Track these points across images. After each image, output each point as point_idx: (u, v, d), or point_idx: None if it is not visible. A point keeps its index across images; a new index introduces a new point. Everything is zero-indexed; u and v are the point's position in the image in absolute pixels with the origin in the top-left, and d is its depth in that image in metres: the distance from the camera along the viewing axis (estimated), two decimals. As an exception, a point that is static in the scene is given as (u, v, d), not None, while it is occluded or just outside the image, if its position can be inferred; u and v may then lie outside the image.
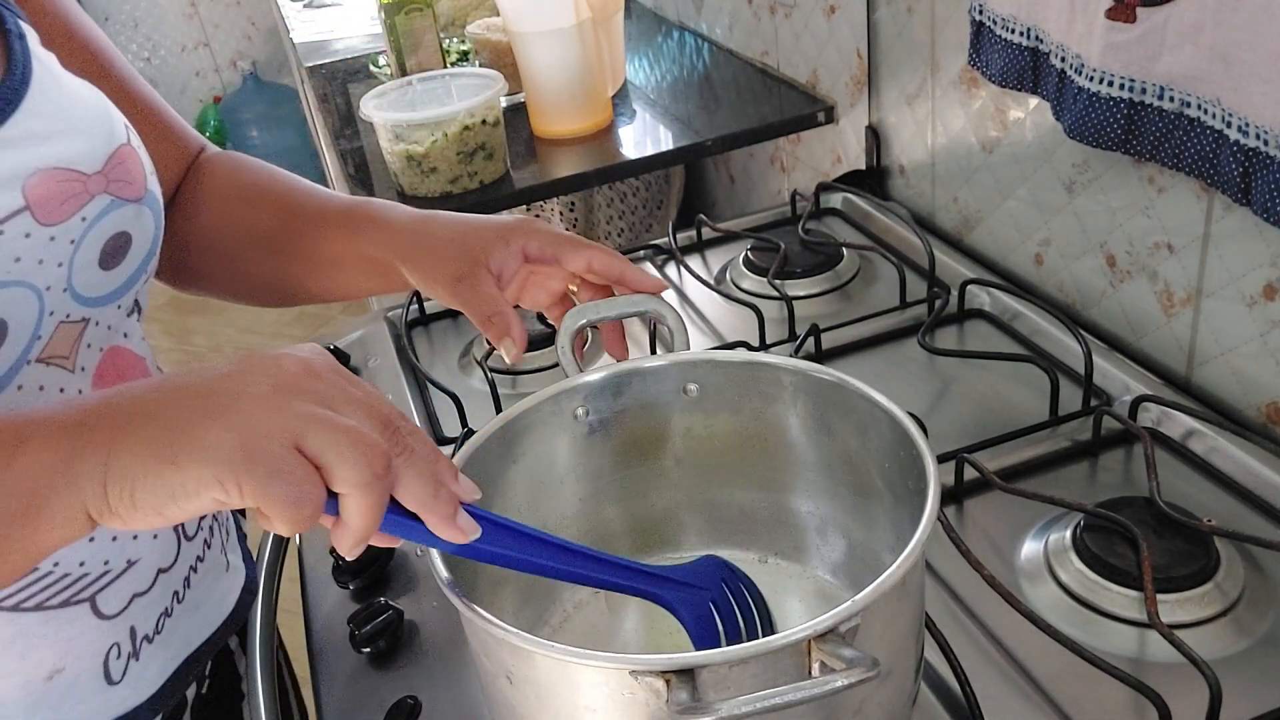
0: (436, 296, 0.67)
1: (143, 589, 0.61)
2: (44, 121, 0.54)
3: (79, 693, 0.59)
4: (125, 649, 0.61)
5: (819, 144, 1.42)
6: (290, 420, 0.42)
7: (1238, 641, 0.63)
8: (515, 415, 0.62)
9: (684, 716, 0.42)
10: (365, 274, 0.70)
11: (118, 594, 0.59)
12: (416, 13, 1.46)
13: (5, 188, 0.51)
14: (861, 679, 0.41)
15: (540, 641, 0.46)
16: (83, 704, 0.59)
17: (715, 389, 0.65)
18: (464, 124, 1.20)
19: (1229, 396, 0.84)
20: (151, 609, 0.62)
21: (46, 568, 0.55)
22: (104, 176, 0.56)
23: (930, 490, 0.51)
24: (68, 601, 0.57)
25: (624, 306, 0.66)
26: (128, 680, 0.61)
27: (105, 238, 0.56)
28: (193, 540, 0.65)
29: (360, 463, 0.42)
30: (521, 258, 0.67)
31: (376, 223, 0.69)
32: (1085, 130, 0.82)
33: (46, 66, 0.57)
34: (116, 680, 0.61)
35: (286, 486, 0.41)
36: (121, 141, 0.59)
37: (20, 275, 0.51)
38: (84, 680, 0.59)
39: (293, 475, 0.41)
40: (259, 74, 3.78)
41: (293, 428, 0.42)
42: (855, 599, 0.45)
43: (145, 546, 0.60)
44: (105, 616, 0.59)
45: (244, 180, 0.75)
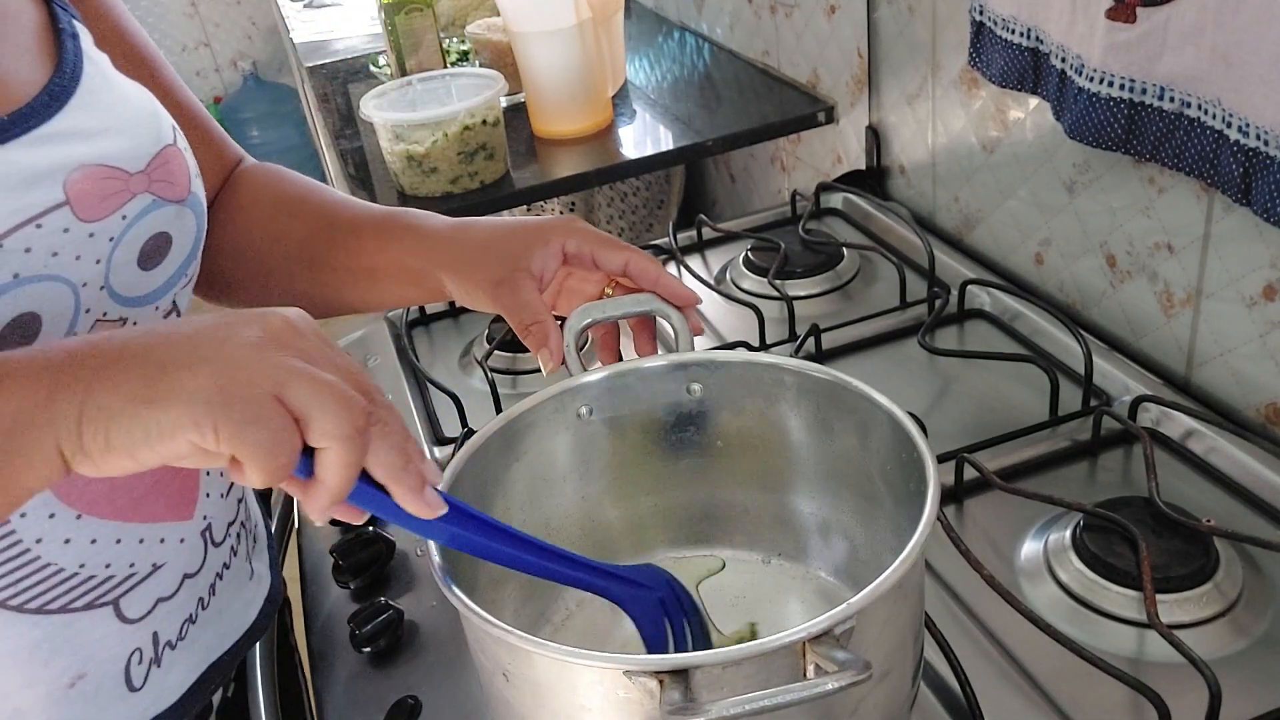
0: (477, 304, 0.66)
1: (167, 594, 0.60)
2: (91, 118, 0.55)
3: (101, 699, 0.58)
4: (148, 655, 0.60)
5: (819, 144, 1.43)
6: (273, 370, 0.42)
7: (1237, 641, 0.64)
8: (518, 414, 0.62)
9: (676, 716, 0.42)
10: (403, 283, 0.70)
11: (142, 598, 0.59)
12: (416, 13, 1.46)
13: (46, 182, 0.51)
14: (852, 682, 0.41)
15: (535, 640, 0.46)
16: (104, 712, 0.59)
17: (718, 389, 0.65)
18: (464, 124, 1.20)
19: (1228, 397, 0.84)
20: (176, 615, 0.61)
21: (72, 568, 0.55)
22: (146, 176, 0.56)
23: (929, 494, 0.51)
24: (91, 604, 0.56)
25: (629, 306, 0.66)
26: (149, 687, 0.60)
27: (145, 237, 0.56)
28: (220, 546, 0.64)
29: (341, 416, 0.42)
30: (561, 257, 0.66)
31: (414, 231, 0.69)
32: (1086, 130, 0.82)
33: (98, 66, 0.58)
34: (138, 687, 0.60)
35: (264, 433, 0.41)
36: (167, 142, 0.59)
37: (56, 270, 0.51)
38: (106, 687, 0.58)
39: (270, 423, 0.41)
40: (259, 74, 3.78)
41: (275, 377, 0.42)
42: (850, 601, 0.45)
43: (171, 550, 0.60)
44: (129, 621, 0.58)
45: (281, 191, 0.74)
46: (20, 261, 0.50)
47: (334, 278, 0.72)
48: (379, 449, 0.45)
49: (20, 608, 0.54)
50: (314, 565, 0.81)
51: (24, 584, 0.54)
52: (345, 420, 0.42)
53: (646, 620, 0.58)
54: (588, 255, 0.66)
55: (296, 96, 3.56)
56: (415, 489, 0.46)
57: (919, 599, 0.54)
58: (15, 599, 0.53)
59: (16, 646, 0.54)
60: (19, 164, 0.50)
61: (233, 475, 0.43)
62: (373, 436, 0.44)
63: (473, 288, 0.66)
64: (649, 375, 0.65)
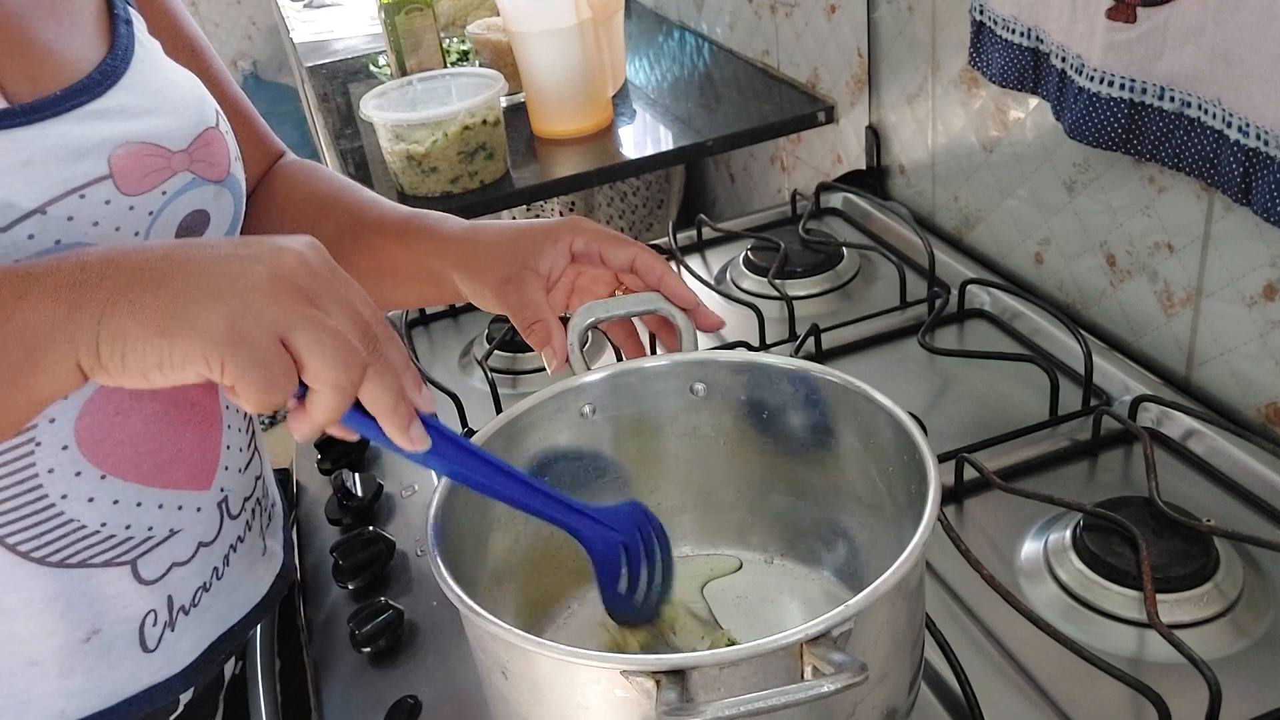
0: (485, 303, 0.68)
1: (183, 559, 0.62)
2: (138, 98, 0.58)
3: (114, 656, 0.60)
4: (162, 617, 0.62)
5: (819, 143, 1.42)
6: (280, 313, 0.45)
7: (1237, 641, 0.64)
8: (520, 412, 0.62)
9: (671, 717, 0.42)
10: (421, 283, 0.72)
11: (158, 560, 0.61)
12: (416, 13, 1.46)
13: (92, 155, 0.54)
14: (848, 684, 0.41)
15: (534, 640, 0.47)
16: (117, 669, 0.61)
17: (721, 389, 0.65)
18: (464, 124, 1.20)
19: (1228, 397, 0.84)
20: (190, 581, 0.63)
21: (94, 526, 0.57)
22: (188, 155, 0.59)
23: (930, 496, 0.51)
24: (110, 562, 0.58)
25: (631, 305, 0.66)
26: (162, 649, 0.62)
27: (183, 214, 0.59)
28: (235, 519, 0.66)
29: (338, 366, 0.45)
30: (569, 255, 0.67)
31: (430, 232, 0.71)
32: (1086, 130, 0.82)
33: (149, 50, 0.62)
34: (152, 648, 0.62)
35: (263, 373, 0.44)
36: (209, 125, 0.62)
37: (96, 239, 0.54)
38: (120, 645, 0.60)
39: (272, 365, 0.44)
40: (259, 73, 3.78)
41: (281, 321, 0.44)
42: (848, 604, 0.45)
43: (189, 518, 0.62)
44: (145, 581, 0.60)
45: (315, 188, 0.76)
46: (63, 229, 0.52)
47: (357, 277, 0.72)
48: (373, 386, 0.47)
49: (41, 560, 0.56)
50: (314, 565, 0.81)
51: (46, 537, 0.56)
52: (340, 370, 0.45)
53: (603, 558, 0.59)
54: (595, 252, 0.67)
55: (296, 96, 3.55)
56: (403, 426, 0.49)
57: (919, 601, 0.54)
58: (37, 551, 0.56)
59: (34, 597, 0.56)
60: (68, 136, 0.54)
61: (229, 396, 0.46)
62: (368, 376, 0.47)
63: (481, 286, 0.67)
64: (652, 375, 0.65)
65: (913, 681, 0.54)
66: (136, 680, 0.62)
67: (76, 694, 0.60)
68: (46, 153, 0.52)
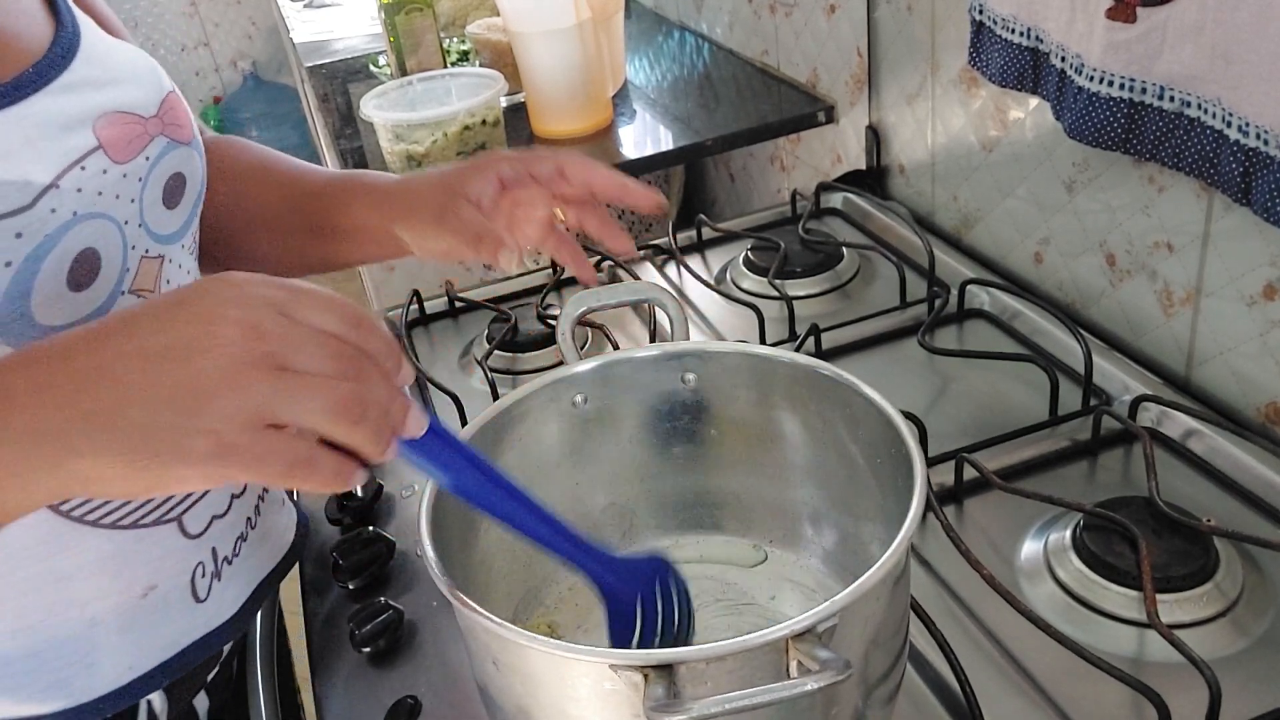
0: (427, 245, 0.69)
1: (220, 512, 0.66)
2: (98, 70, 0.59)
3: (170, 610, 0.63)
4: (209, 569, 0.65)
5: (819, 143, 1.43)
6: (253, 402, 0.41)
7: (1237, 641, 0.64)
8: (512, 402, 0.63)
9: (658, 713, 0.42)
10: (364, 243, 0.74)
11: (200, 516, 0.64)
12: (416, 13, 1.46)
13: (79, 128, 0.56)
14: (832, 682, 0.42)
15: (524, 633, 0.47)
16: (174, 621, 0.64)
17: (711, 379, 0.66)
18: (464, 124, 1.20)
19: (1228, 396, 0.84)
20: (229, 532, 0.67)
21: None
22: (160, 120, 0.61)
23: (916, 491, 0.51)
24: (159, 520, 0.61)
25: (625, 294, 0.67)
26: (212, 599, 0.66)
27: (166, 177, 0.61)
28: (246, 488, 0.69)
29: (336, 417, 0.42)
30: (497, 183, 0.69)
31: (367, 190, 0.73)
32: (1085, 130, 0.82)
33: (90, 25, 0.62)
34: (203, 599, 0.65)
35: (279, 464, 0.42)
36: (169, 89, 0.64)
37: (103, 209, 0.56)
38: (174, 597, 0.63)
39: (280, 454, 0.42)
40: (259, 74, 3.78)
41: (259, 411, 0.41)
42: (834, 600, 0.45)
43: None
44: (191, 536, 0.64)
45: (249, 161, 0.78)
46: (75, 200, 0.54)
47: (298, 241, 0.76)
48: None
49: (95, 523, 0.58)
50: (314, 565, 0.81)
51: (97, 500, 0.58)
52: (339, 418, 0.42)
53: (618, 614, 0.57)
54: (524, 174, 0.69)
55: (296, 96, 3.56)
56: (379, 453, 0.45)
57: (905, 596, 0.54)
58: (90, 515, 0.58)
59: (90, 560, 0.59)
60: (50, 111, 0.55)
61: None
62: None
63: (421, 228, 0.69)
64: (643, 365, 0.66)
65: (894, 667, 0.54)
66: (192, 630, 0.65)
67: (139, 649, 0.62)
68: (40, 129, 0.53)
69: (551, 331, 1.00)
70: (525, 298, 1.14)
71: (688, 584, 0.61)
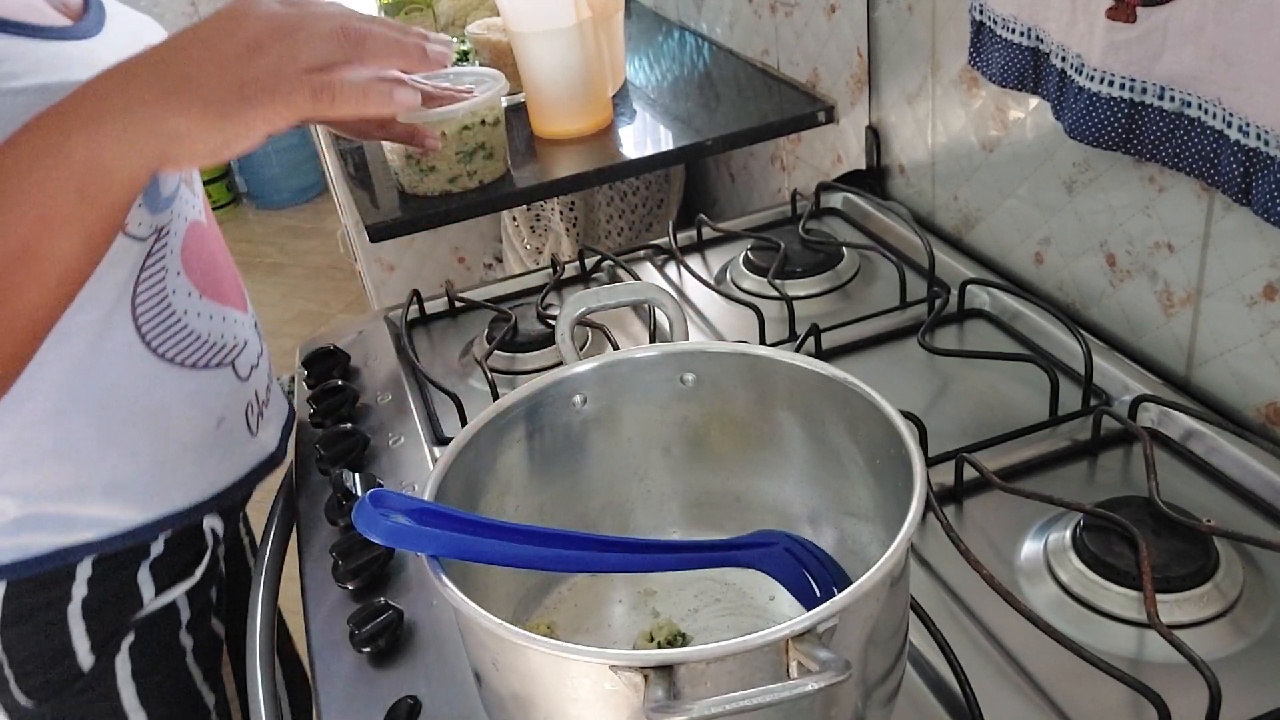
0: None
1: (254, 363, 0.85)
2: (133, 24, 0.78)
3: (235, 440, 0.82)
4: (255, 408, 0.85)
5: (819, 143, 1.43)
6: (277, 53, 0.57)
7: (1237, 641, 0.64)
8: (512, 402, 0.63)
9: (657, 714, 0.42)
10: None
11: (244, 363, 0.83)
12: (416, 13, 1.46)
13: None
14: (832, 682, 0.42)
15: (523, 633, 0.47)
16: (238, 449, 0.83)
17: (711, 379, 0.66)
18: (464, 124, 1.20)
19: (1228, 397, 0.84)
20: (261, 380, 0.86)
21: (204, 335, 0.78)
22: None
23: (915, 491, 0.51)
24: (220, 363, 0.80)
25: (624, 295, 0.67)
26: (260, 433, 0.85)
27: None
28: (262, 347, 0.88)
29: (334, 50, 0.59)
30: None
31: None
32: (1085, 130, 0.82)
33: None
34: (255, 432, 0.84)
35: (306, 91, 0.58)
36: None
37: None
38: (237, 430, 0.82)
39: (304, 84, 0.57)
40: (259, 73, 3.77)
41: (283, 58, 0.57)
42: (833, 600, 0.45)
43: (246, 333, 0.84)
44: (241, 379, 0.83)
45: None
46: None
47: None
48: (374, 46, 0.61)
49: (180, 363, 0.76)
50: (314, 565, 0.81)
51: (180, 345, 0.76)
52: (337, 49, 0.59)
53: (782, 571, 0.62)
54: None
55: (296, 96, 3.55)
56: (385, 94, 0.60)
57: (905, 597, 0.54)
58: (177, 356, 0.76)
59: (178, 397, 0.77)
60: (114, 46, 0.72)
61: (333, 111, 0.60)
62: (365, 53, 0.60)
63: None
64: (643, 365, 0.66)
65: (893, 668, 0.54)
66: (248, 459, 0.84)
67: (216, 471, 0.81)
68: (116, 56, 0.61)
69: (551, 331, 1.00)
70: (525, 298, 1.14)
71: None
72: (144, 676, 0.80)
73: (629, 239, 1.81)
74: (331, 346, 1.06)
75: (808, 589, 0.61)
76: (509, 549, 0.55)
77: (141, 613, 0.79)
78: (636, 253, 1.20)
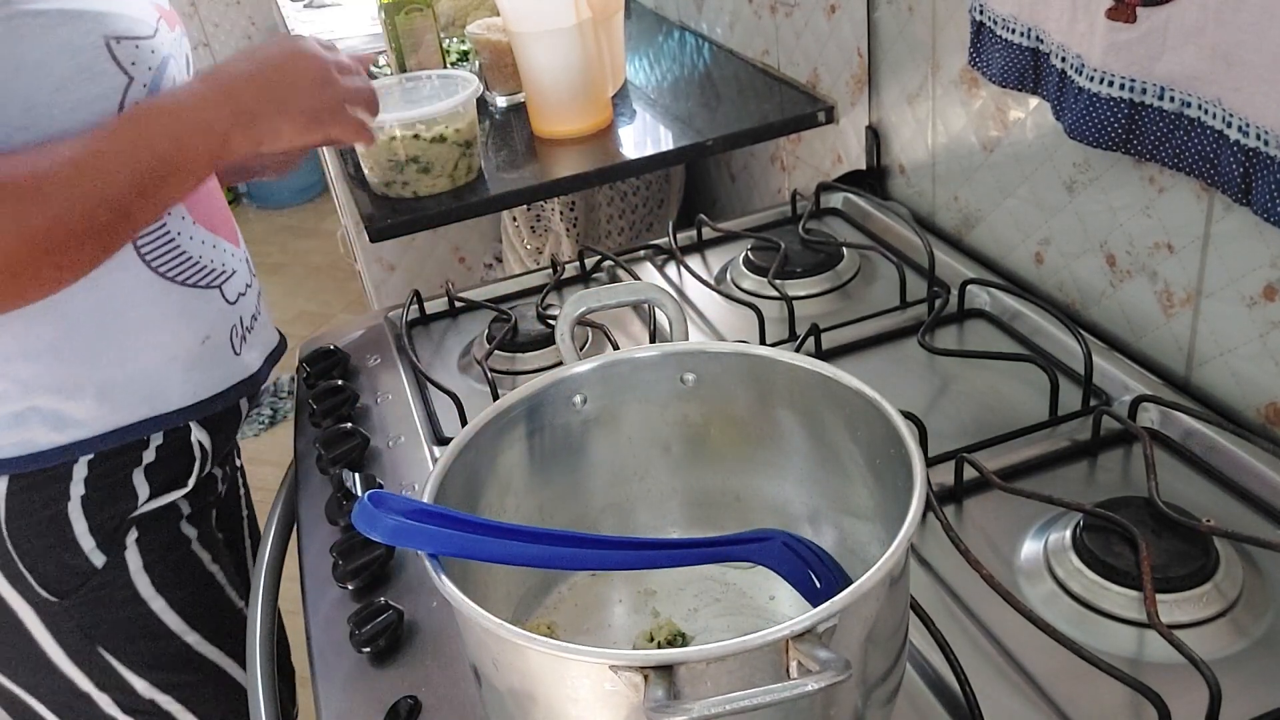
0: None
1: (242, 290, 0.91)
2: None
3: (220, 357, 0.88)
4: (240, 331, 0.91)
5: (819, 143, 1.43)
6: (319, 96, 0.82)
7: (1237, 641, 0.64)
8: (512, 402, 0.63)
9: (657, 714, 0.42)
10: None
11: (232, 288, 0.89)
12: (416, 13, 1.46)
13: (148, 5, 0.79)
14: (832, 682, 0.42)
15: (523, 633, 0.47)
16: (221, 366, 0.88)
17: (711, 379, 0.66)
18: (390, 134, 1.19)
19: (1228, 397, 0.84)
20: (249, 308, 0.92)
21: (196, 257, 0.85)
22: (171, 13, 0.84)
23: (915, 491, 0.51)
24: (210, 284, 0.87)
25: (624, 295, 0.67)
26: (244, 354, 0.91)
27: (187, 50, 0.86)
28: (252, 280, 0.94)
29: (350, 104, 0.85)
30: None
31: None
32: (1086, 130, 0.82)
33: None
34: (239, 353, 0.90)
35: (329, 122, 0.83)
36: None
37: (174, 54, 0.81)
38: (222, 348, 0.88)
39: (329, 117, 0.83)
40: (259, 73, 3.77)
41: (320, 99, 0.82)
42: (833, 600, 0.45)
43: (236, 263, 0.91)
44: (229, 302, 0.89)
45: None
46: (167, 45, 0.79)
47: None
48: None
49: (172, 279, 0.83)
50: (314, 565, 0.81)
51: (172, 261, 0.83)
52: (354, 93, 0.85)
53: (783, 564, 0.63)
54: None
55: (297, 96, 3.54)
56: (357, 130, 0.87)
57: (905, 597, 0.54)
58: (170, 271, 0.83)
59: (169, 311, 0.83)
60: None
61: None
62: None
63: None
64: (643, 365, 0.66)
65: (893, 668, 0.54)
66: (231, 376, 0.89)
67: (199, 383, 0.86)
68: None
69: (551, 331, 1.00)
70: (525, 298, 1.14)
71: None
72: (155, 566, 0.87)
73: (629, 239, 1.81)
74: (331, 346, 1.06)
75: (807, 582, 0.61)
76: (509, 548, 0.55)
77: (139, 510, 0.85)
78: (636, 253, 1.20)
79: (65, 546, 0.82)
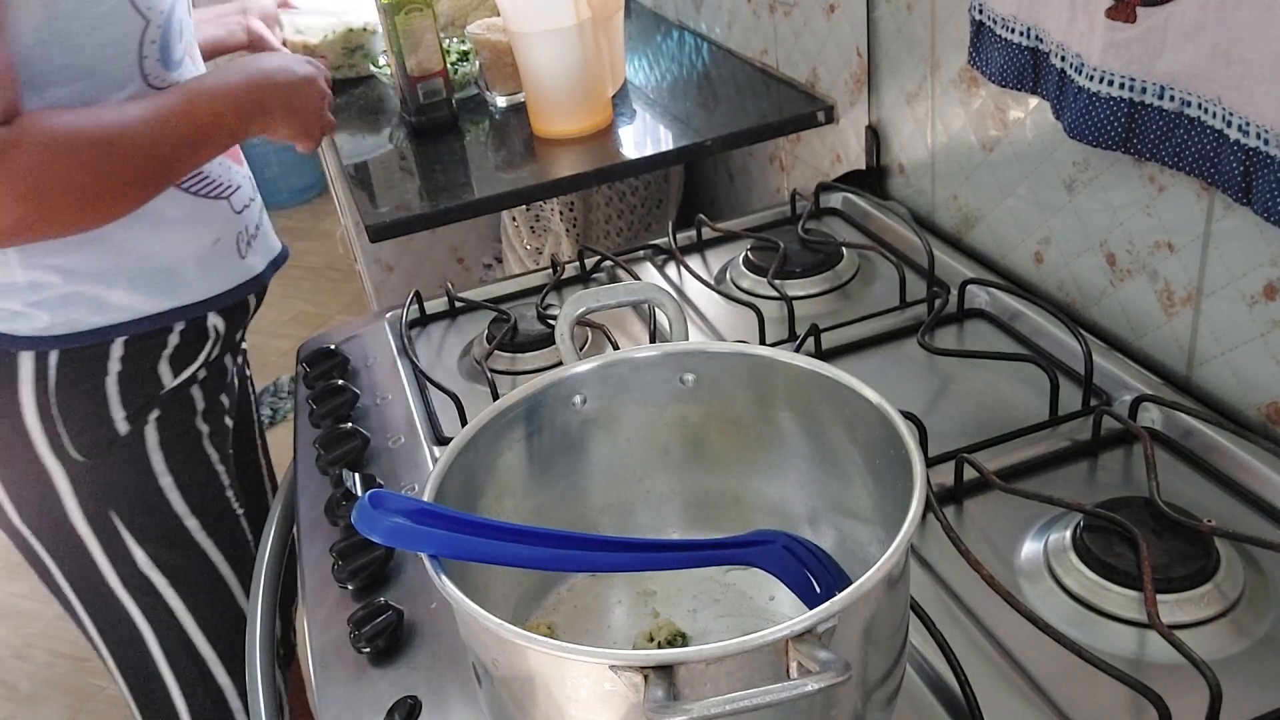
0: None
1: (248, 203, 1.05)
2: None
3: (227, 259, 1.02)
4: (245, 237, 1.04)
5: (819, 143, 1.42)
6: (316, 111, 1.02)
7: (1237, 642, 0.63)
8: (512, 402, 0.63)
9: (657, 714, 0.42)
10: None
11: (239, 199, 1.04)
12: (416, 13, 1.46)
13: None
14: (832, 683, 0.42)
15: (523, 633, 0.47)
16: (230, 268, 1.02)
17: (710, 380, 0.66)
18: None
19: (1229, 396, 0.84)
20: (253, 218, 1.07)
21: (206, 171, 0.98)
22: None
23: (915, 492, 0.51)
24: (219, 196, 1.00)
25: (624, 294, 0.67)
26: (248, 258, 1.05)
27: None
28: (255, 196, 1.08)
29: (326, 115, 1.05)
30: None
31: None
32: (1085, 130, 0.81)
33: None
34: (244, 257, 1.04)
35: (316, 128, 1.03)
36: None
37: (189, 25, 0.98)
38: (229, 251, 1.02)
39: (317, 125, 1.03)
40: (259, 73, 3.77)
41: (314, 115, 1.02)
42: (832, 601, 0.45)
43: (242, 178, 1.05)
44: (235, 211, 1.03)
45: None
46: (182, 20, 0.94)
47: None
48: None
49: (188, 190, 0.97)
50: (314, 565, 0.81)
51: (190, 176, 0.96)
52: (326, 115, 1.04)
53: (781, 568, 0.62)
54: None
55: (296, 96, 3.54)
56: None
57: (905, 597, 0.54)
58: (187, 184, 0.96)
59: (184, 215, 0.97)
60: None
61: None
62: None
63: None
64: (642, 365, 0.66)
65: (893, 669, 0.54)
66: (238, 275, 1.03)
67: (212, 280, 1.00)
68: None
69: (551, 331, 1.00)
70: (525, 298, 1.14)
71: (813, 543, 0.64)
72: (168, 446, 1.01)
73: (628, 239, 1.81)
74: (331, 347, 1.06)
75: (807, 585, 0.61)
76: (509, 549, 0.55)
77: (164, 391, 0.99)
78: (636, 253, 1.20)
79: (100, 415, 0.95)
